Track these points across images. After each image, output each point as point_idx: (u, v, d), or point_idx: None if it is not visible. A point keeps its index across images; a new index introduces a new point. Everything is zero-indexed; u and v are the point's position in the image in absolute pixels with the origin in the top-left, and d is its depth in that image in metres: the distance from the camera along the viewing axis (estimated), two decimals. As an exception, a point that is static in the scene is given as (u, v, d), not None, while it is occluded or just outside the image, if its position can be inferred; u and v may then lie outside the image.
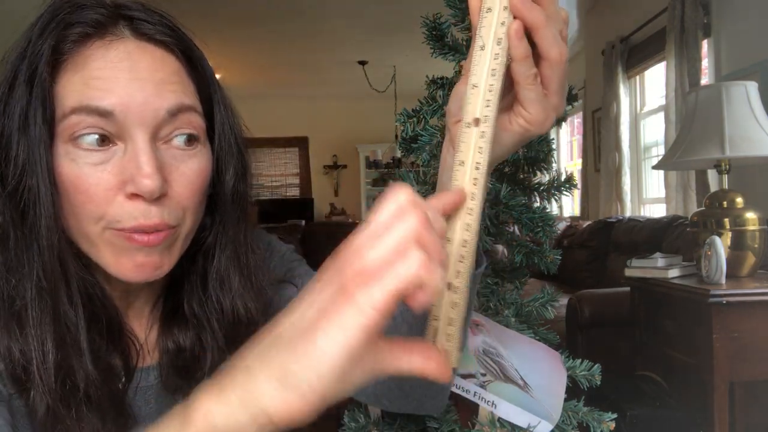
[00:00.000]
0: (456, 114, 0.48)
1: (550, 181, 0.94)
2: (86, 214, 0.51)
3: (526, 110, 0.45)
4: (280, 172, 8.36)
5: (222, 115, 0.59)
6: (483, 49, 0.42)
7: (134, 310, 0.63)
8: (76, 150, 0.50)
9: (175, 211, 0.53)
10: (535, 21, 0.41)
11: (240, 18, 4.77)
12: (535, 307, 0.91)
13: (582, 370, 0.87)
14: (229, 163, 0.59)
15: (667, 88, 3.29)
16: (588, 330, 2.48)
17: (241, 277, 0.61)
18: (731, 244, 1.92)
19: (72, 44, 0.51)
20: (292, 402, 0.32)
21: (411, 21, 1.62)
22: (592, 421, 0.84)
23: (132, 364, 0.58)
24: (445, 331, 0.41)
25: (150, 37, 0.54)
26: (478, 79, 0.42)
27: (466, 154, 0.42)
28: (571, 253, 3.73)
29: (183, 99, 0.53)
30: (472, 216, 0.41)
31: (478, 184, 0.41)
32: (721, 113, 1.97)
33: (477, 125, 0.42)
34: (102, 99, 0.50)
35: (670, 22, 3.22)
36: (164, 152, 0.53)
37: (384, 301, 0.31)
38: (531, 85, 0.43)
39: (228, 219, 0.60)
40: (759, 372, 1.75)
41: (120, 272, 0.53)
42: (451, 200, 0.41)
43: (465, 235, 0.41)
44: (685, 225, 2.60)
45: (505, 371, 0.79)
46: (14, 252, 0.51)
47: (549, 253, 0.91)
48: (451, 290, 0.41)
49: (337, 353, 0.31)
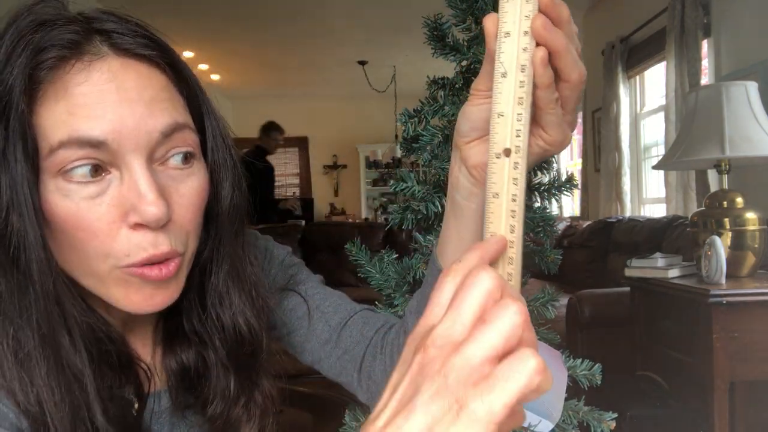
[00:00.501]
0: (467, 134, 0.48)
1: (551, 181, 0.95)
2: (92, 252, 0.48)
3: (546, 133, 0.45)
4: (279, 172, 8.36)
5: (213, 126, 0.56)
6: (505, 77, 0.41)
7: (137, 335, 0.60)
8: (67, 184, 0.47)
9: (180, 236, 0.51)
10: (557, 46, 0.40)
11: (240, 18, 4.77)
12: (535, 307, 0.91)
13: (582, 369, 0.87)
14: (225, 176, 0.56)
15: (667, 88, 3.29)
16: (588, 330, 2.48)
17: (241, 293, 0.59)
18: (731, 244, 1.93)
19: (48, 71, 0.46)
20: None
21: (411, 21, 1.63)
22: (593, 421, 0.85)
23: (144, 390, 0.56)
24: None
25: (132, 52, 0.50)
26: (504, 108, 0.41)
27: (500, 186, 0.41)
28: (571, 253, 3.73)
29: (176, 117, 0.50)
30: (514, 249, 0.41)
31: (517, 217, 0.41)
32: (721, 113, 1.97)
33: (508, 156, 0.41)
34: (92, 129, 0.46)
35: (670, 22, 3.22)
36: (161, 174, 0.50)
37: (503, 414, 0.28)
38: (553, 109, 0.43)
39: (225, 234, 0.57)
40: (759, 372, 1.75)
41: (129, 307, 0.51)
42: (494, 250, 0.39)
43: (509, 269, 0.40)
44: (685, 225, 2.60)
45: (506, 371, 0.79)
46: (9, 298, 0.47)
47: (550, 253, 0.92)
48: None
49: None
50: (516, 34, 0.41)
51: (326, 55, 5.99)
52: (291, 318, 0.70)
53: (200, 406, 0.59)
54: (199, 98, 0.56)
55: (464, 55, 0.93)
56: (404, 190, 0.97)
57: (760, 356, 1.73)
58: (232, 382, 0.59)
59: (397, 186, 0.98)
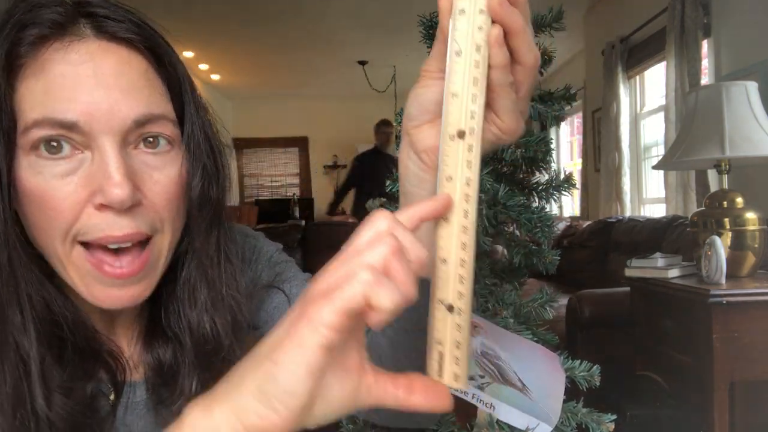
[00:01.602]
0: (416, 118, 0.46)
1: (549, 180, 0.94)
2: (54, 230, 0.48)
3: (500, 119, 0.42)
4: (280, 172, 8.36)
5: (192, 114, 0.55)
6: (459, 56, 0.39)
7: (120, 326, 0.60)
8: (39, 161, 0.47)
9: (150, 220, 0.51)
10: (514, 25, 0.39)
11: (240, 18, 4.77)
12: (533, 308, 0.91)
13: (581, 371, 0.87)
14: (197, 166, 0.55)
15: (667, 88, 3.28)
16: (588, 330, 2.48)
17: (209, 291, 0.58)
18: (731, 244, 1.92)
19: (29, 47, 0.48)
20: (266, 418, 0.33)
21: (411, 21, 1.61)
22: (592, 423, 0.84)
23: (119, 380, 0.56)
24: (452, 355, 0.39)
25: (113, 35, 0.50)
26: (458, 88, 0.40)
27: (454, 169, 0.40)
28: (571, 253, 3.73)
29: (152, 108, 0.50)
30: (467, 235, 0.40)
31: (470, 201, 0.40)
32: (721, 113, 1.97)
33: (462, 138, 0.40)
34: (66, 111, 0.47)
35: (670, 22, 3.21)
36: (135, 159, 0.50)
37: (334, 320, 0.32)
38: (507, 93, 0.41)
39: (195, 227, 0.56)
40: (759, 372, 1.75)
41: (93, 300, 0.51)
42: (431, 208, 0.39)
43: (462, 255, 0.39)
44: (685, 225, 2.60)
45: (504, 373, 0.79)
46: None
47: (548, 254, 0.91)
48: (454, 313, 0.39)
49: (298, 371, 0.33)
50: (471, 11, 0.39)
51: (326, 55, 5.98)
52: (275, 316, 0.68)
53: (172, 402, 0.58)
54: (181, 86, 0.55)
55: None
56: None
57: (760, 356, 1.73)
58: (194, 382, 0.58)
59: (394, 186, 0.98)
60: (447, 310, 0.40)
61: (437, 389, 0.38)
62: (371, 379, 0.38)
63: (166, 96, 0.53)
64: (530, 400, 0.79)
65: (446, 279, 0.40)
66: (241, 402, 0.34)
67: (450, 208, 0.40)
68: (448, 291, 0.40)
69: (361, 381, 0.37)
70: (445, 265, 0.40)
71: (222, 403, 0.34)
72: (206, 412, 0.35)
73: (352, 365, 0.37)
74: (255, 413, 0.33)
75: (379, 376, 0.38)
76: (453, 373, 0.40)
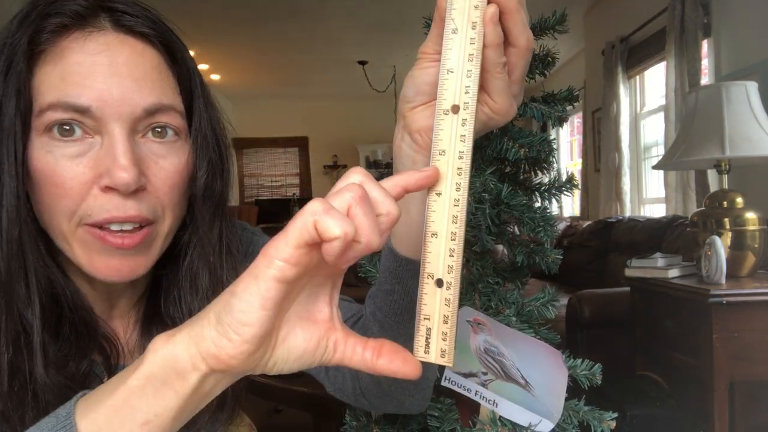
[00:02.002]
0: (412, 99, 0.47)
1: (551, 181, 0.94)
2: (60, 209, 0.50)
3: (492, 99, 0.43)
4: (280, 172, 8.37)
5: (201, 109, 0.58)
6: (456, 33, 0.41)
7: (118, 310, 0.62)
8: (52, 141, 0.50)
9: (152, 206, 0.53)
10: (508, 5, 0.40)
11: (240, 18, 4.77)
12: (536, 307, 0.91)
13: (583, 369, 0.87)
14: (203, 158, 0.58)
15: (667, 88, 3.29)
16: (588, 330, 2.48)
17: (210, 279, 0.60)
18: (731, 244, 1.93)
19: (50, 35, 0.50)
20: (221, 346, 0.34)
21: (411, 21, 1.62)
22: (593, 420, 0.85)
23: (112, 363, 0.58)
24: (440, 330, 0.40)
25: (130, 28, 0.53)
26: (454, 64, 0.41)
27: (447, 143, 0.41)
28: (571, 253, 3.73)
29: (161, 98, 0.53)
30: (459, 207, 0.40)
31: (463, 174, 0.40)
32: (721, 113, 1.98)
33: (456, 112, 0.41)
34: (79, 96, 0.49)
35: (670, 22, 3.22)
36: (142, 146, 0.52)
37: (287, 252, 0.33)
38: (500, 73, 0.42)
39: (199, 216, 0.59)
40: (759, 372, 1.75)
41: (94, 272, 0.52)
42: (416, 177, 0.39)
43: (452, 228, 0.40)
44: (685, 225, 2.60)
45: (507, 370, 0.80)
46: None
47: (550, 253, 0.91)
48: (443, 287, 0.40)
49: (252, 300, 0.33)
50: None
51: (326, 55, 5.99)
52: None
53: None
54: (191, 81, 0.58)
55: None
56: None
57: (760, 356, 1.73)
58: None
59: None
60: (436, 285, 0.40)
61: (405, 355, 0.38)
62: (339, 337, 0.38)
63: (176, 89, 0.55)
64: (533, 397, 0.79)
65: (437, 253, 0.40)
66: (200, 330, 0.35)
67: (437, 180, 0.40)
68: (438, 265, 0.40)
69: (328, 336, 0.38)
70: (436, 238, 0.40)
71: (184, 331, 0.36)
72: (169, 339, 0.36)
73: (319, 318, 0.38)
74: (211, 340, 0.34)
75: (350, 336, 0.39)
76: (440, 349, 0.40)
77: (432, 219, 0.41)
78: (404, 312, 0.57)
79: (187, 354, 0.35)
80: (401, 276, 0.56)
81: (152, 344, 0.37)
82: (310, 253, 0.34)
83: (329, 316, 0.39)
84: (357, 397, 0.67)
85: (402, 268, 0.55)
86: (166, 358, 0.36)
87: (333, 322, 0.39)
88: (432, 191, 0.41)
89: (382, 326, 0.59)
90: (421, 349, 0.40)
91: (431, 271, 0.40)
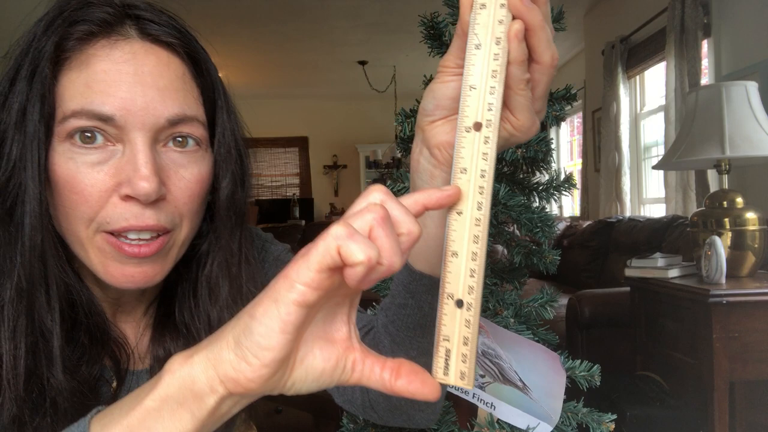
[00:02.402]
0: (432, 113, 0.46)
1: (549, 180, 0.94)
2: (79, 216, 0.50)
3: (514, 116, 0.43)
4: (280, 172, 8.36)
5: (224, 120, 0.58)
6: (479, 48, 0.40)
7: (127, 316, 0.62)
8: (73, 148, 0.50)
9: (171, 215, 0.53)
10: (533, 22, 0.39)
11: (240, 18, 4.77)
12: (534, 308, 0.90)
13: (581, 370, 0.87)
14: (226, 169, 0.58)
15: (667, 88, 3.28)
16: (588, 330, 2.48)
17: (230, 288, 0.60)
18: (731, 244, 1.92)
19: (76, 42, 0.51)
20: (240, 369, 0.34)
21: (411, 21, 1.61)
22: (592, 422, 0.84)
23: (122, 368, 0.58)
24: (459, 351, 0.39)
25: (156, 38, 0.53)
26: (476, 81, 0.40)
27: (469, 161, 0.39)
28: (571, 253, 3.73)
29: (185, 109, 0.53)
30: (480, 227, 0.39)
31: (485, 193, 0.39)
32: (721, 113, 1.97)
33: (479, 130, 0.40)
34: (103, 104, 0.49)
35: (670, 22, 3.21)
36: (163, 155, 0.53)
37: (309, 276, 0.32)
38: (523, 90, 0.41)
39: (221, 226, 0.59)
40: (759, 372, 1.75)
41: (108, 279, 0.52)
42: (437, 196, 0.39)
43: (473, 248, 0.39)
44: (685, 225, 2.60)
45: (504, 373, 0.79)
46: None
47: (548, 253, 0.91)
48: (463, 308, 0.39)
49: (272, 325, 0.33)
50: (492, 5, 0.39)
51: (326, 55, 5.99)
52: None
53: None
54: (214, 92, 0.58)
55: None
56: (402, 191, 0.97)
57: (760, 356, 1.73)
58: None
59: (395, 187, 0.98)
60: (456, 306, 0.39)
61: (423, 377, 0.37)
62: (357, 356, 0.38)
63: (200, 99, 0.56)
64: (531, 400, 0.79)
65: (456, 273, 0.39)
66: (219, 352, 0.35)
67: (458, 200, 0.39)
68: (458, 285, 0.39)
69: (347, 356, 0.38)
70: (456, 258, 0.39)
71: (202, 353, 0.35)
72: (187, 360, 0.36)
73: (338, 338, 0.38)
74: (229, 364, 0.34)
75: (368, 356, 0.38)
76: (459, 371, 0.39)
77: (452, 238, 0.40)
78: (417, 326, 0.57)
79: (205, 376, 0.35)
80: (415, 290, 0.55)
81: (169, 365, 0.36)
82: (332, 277, 0.33)
83: (347, 335, 0.38)
84: (366, 410, 0.66)
85: (416, 282, 0.55)
86: (184, 379, 0.35)
87: (351, 341, 0.38)
88: (453, 210, 0.40)
89: (394, 340, 0.58)
90: (441, 370, 0.39)
91: (451, 291, 0.39)
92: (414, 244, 0.36)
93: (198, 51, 0.56)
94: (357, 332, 0.39)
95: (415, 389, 0.37)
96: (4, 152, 0.50)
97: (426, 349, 0.58)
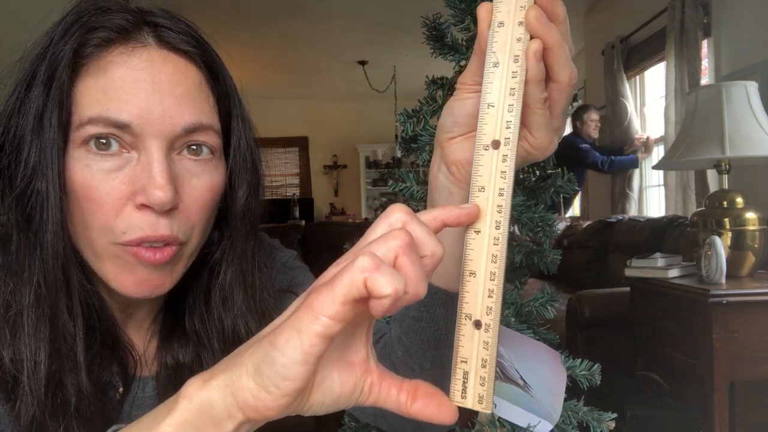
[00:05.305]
0: (450, 130, 0.46)
1: (550, 180, 0.94)
2: (94, 224, 0.50)
3: (532, 135, 0.43)
4: (280, 172, 8.36)
5: (239, 129, 0.58)
6: (497, 66, 0.40)
7: (134, 322, 0.62)
8: (89, 155, 0.50)
9: (184, 226, 0.53)
10: (551, 41, 0.39)
11: (240, 18, 4.77)
12: (534, 307, 0.91)
13: (582, 369, 0.87)
14: (242, 179, 0.58)
15: (667, 88, 3.29)
16: (588, 330, 2.48)
17: (245, 296, 0.60)
18: (731, 244, 1.92)
19: (94, 48, 0.50)
20: (259, 398, 0.33)
21: (411, 21, 1.62)
22: (592, 421, 0.84)
23: (130, 373, 0.58)
24: (477, 374, 0.38)
25: (173, 45, 0.53)
26: (494, 99, 0.40)
27: (487, 179, 0.39)
28: (571, 253, 3.73)
29: (201, 118, 0.53)
30: (498, 246, 0.38)
31: (503, 212, 0.38)
32: (721, 113, 1.97)
33: (497, 148, 0.39)
34: (120, 111, 0.49)
35: (670, 22, 3.22)
36: (178, 164, 0.52)
37: (334, 309, 0.31)
38: (541, 109, 0.41)
39: (237, 235, 0.59)
40: (759, 372, 1.75)
41: (120, 287, 0.52)
42: (456, 214, 0.38)
43: (491, 267, 0.38)
44: (685, 225, 2.60)
45: (505, 371, 0.79)
46: (15, 255, 0.50)
47: (549, 253, 0.91)
48: (482, 329, 0.38)
49: (295, 356, 0.32)
50: (510, 23, 0.39)
51: (326, 55, 5.99)
52: None
53: None
54: (230, 101, 0.58)
55: (463, 55, 0.93)
56: (403, 191, 0.97)
57: (760, 356, 1.73)
58: None
59: (396, 186, 0.98)
60: (474, 327, 0.38)
61: (440, 400, 0.37)
62: (375, 379, 0.38)
63: (215, 108, 0.55)
64: (532, 398, 0.79)
65: (474, 293, 0.38)
66: (238, 379, 0.34)
67: (476, 219, 0.39)
68: (476, 306, 0.38)
69: (364, 378, 0.37)
70: (474, 278, 0.39)
71: (220, 378, 0.35)
72: (205, 385, 0.35)
73: (355, 361, 0.37)
74: (249, 392, 0.34)
75: (385, 378, 0.38)
76: (478, 394, 0.38)
77: (470, 257, 0.39)
78: (431, 339, 0.57)
79: (224, 402, 0.34)
80: (430, 304, 0.55)
81: (186, 389, 0.36)
82: (356, 309, 0.32)
83: (365, 356, 0.38)
84: (376, 417, 0.66)
85: (431, 296, 0.54)
86: (202, 404, 0.35)
87: (368, 363, 0.38)
88: (470, 228, 0.39)
89: (407, 351, 0.58)
90: (458, 393, 0.39)
91: (469, 311, 0.39)
92: (437, 265, 0.36)
93: (214, 59, 0.56)
94: (374, 353, 0.39)
95: (430, 413, 0.37)
96: (21, 158, 0.50)
97: (439, 360, 0.58)
